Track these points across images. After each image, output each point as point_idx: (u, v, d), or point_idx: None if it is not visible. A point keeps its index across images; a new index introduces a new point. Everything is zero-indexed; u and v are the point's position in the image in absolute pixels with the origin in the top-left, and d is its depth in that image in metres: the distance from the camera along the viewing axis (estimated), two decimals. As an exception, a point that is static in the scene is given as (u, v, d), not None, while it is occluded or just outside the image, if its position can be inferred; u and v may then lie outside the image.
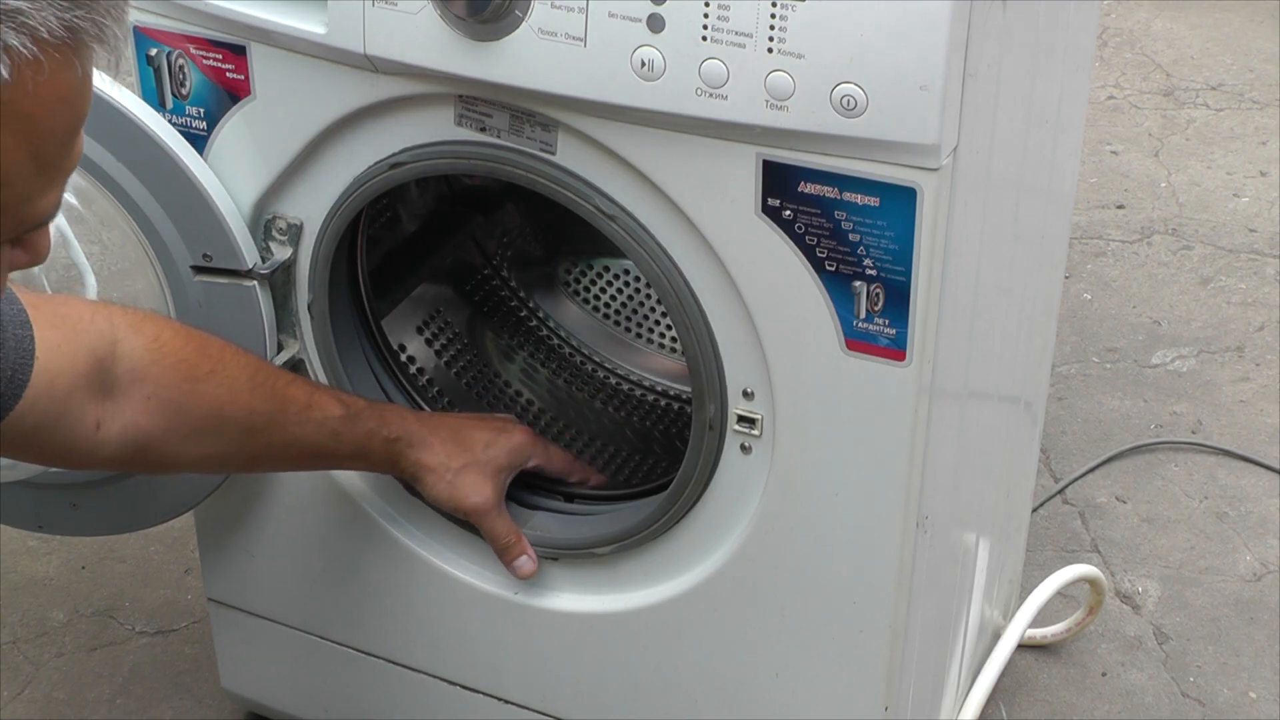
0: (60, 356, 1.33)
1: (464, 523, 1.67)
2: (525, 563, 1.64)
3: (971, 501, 1.73)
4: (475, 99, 1.44)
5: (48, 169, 1.02)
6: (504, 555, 1.64)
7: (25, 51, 0.94)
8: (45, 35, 0.95)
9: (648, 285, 1.95)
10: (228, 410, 1.48)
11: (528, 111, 1.43)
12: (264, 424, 1.50)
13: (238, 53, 1.52)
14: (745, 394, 1.46)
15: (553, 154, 1.44)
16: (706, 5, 1.29)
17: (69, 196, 1.58)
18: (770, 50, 1.28)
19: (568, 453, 1.72)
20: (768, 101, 1.30)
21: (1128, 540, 2.36)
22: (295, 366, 1.66)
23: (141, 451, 1.44)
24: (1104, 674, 2.14)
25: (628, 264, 1.96)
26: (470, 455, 1.60)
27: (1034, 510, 2.28)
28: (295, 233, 1.59)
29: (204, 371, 1.46)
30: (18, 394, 1.28)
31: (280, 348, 1.65)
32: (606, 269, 1.98)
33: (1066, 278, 2.54)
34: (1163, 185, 3.26)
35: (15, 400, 1.28)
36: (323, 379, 1.66)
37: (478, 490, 1.61)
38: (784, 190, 1.35)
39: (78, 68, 0.98)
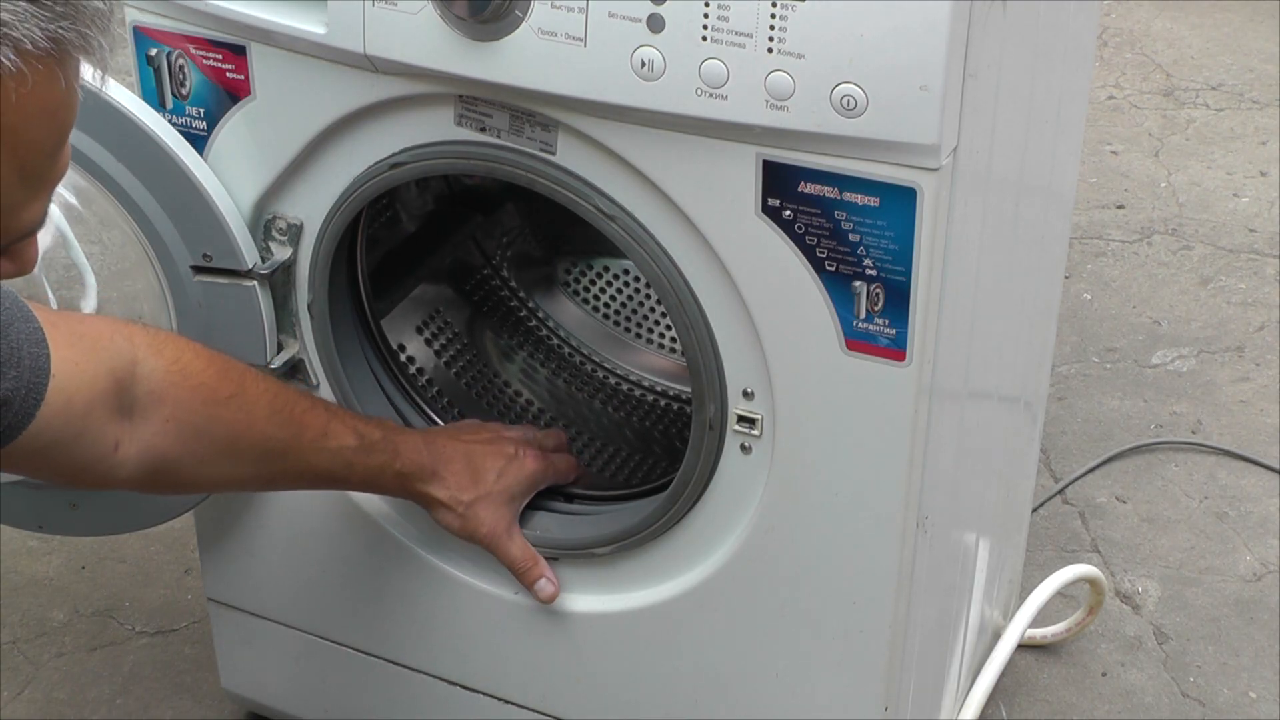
0: (78, 374, 1.32)
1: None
2: (545, 585, 1.64)
3: (971, 501, 1.73)
4: (475, 99, 1.44)
5: (32, 180, 1.01)
6: (522, 579, 1.65)
7: (8, 63, 0.93)
8: (29, 47, 0.94)
9: (647, 285, 1.95)
10: (245, 436, 1.48)
11: (528, 111, 1.43)
12: (280, 450, 1.51)
13: (238, 53, 1.52)
14: (745, 394, 1.46)
15: (553, 154, 1.44)
16: (706, 5, 1.29)
17: (69, 196, 1.58)
18: (770, 50, 1.28)
19: (569, 457, 1.72)
20: (768, 101, 1.30)
21: (1128, 540, 2.36)
22: (295, 367, 1.66)
23: (159, 473, 1.44)
24: (1104, 674, 2.14)
25: (627, 264, 1.96)
26: (482, 488, 1.60)
27: (1034, 510, 2.28)
28: (295, 233, 1.59)
29: (224, 396, 1.46)
30: (31, 412, 1.28)
31: (280, 348, 1.65)
32: (606, 269, 1.98)
33: (1066, 278, 2.54)
34: (1163, 185, 3.26)
35: (29, 419, 1.28)
36: (323, 379, 1.66)
37: (489, 521, 1.61)
38: (784, 190, 1.35)
39: (61, 79, 0.97)
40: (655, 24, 1.31)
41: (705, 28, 1.29)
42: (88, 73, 1.01)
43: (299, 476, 1.55)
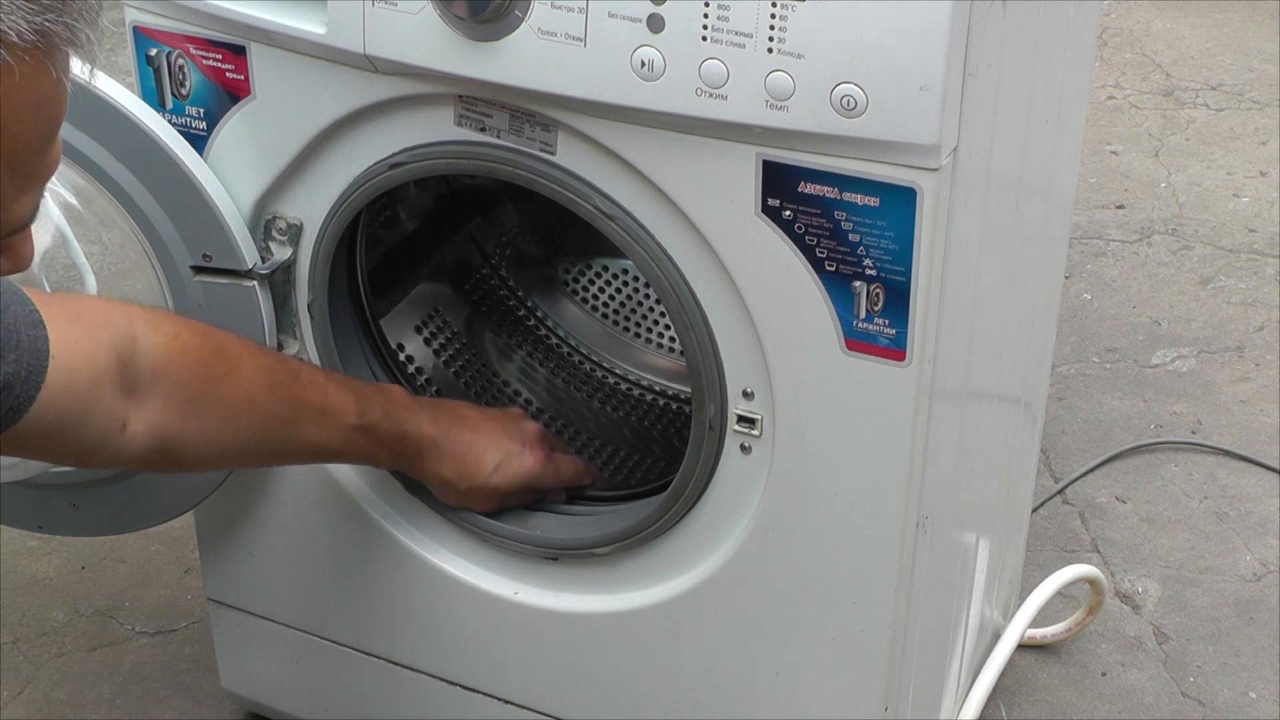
0: (78, 352, 1.33)
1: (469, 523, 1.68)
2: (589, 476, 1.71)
3: (971, 501, 1.73)
4: (475, 99, 1.44)
5: (22, 174, 1.01)
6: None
7: None
8: (15, 39, 0.94)
9: (646, 285, 1.95)
10: (244, 412, 1.48)
11: (528, 111, 1.43)
12: (279, 426, 1.51)
13: (238, 53, 1.52)
14: (745, 394, 1.46)
15: (553, 154, 1.44)
16: (706, 5, 1.29)
17: (69, 196, 1.58)
18: (770, 50, 1.28)
19: (577, 459, 1.72)
20: (768, 101, 1.30)
21: (1128, 540, 2.36)
22: (295, 366, 1.67)
23: (167, 450, 1.44)
24: (1104, 674, 2.14)
25: (626, 264, 1.96)
26: (476, 479, 1.61)
27: (1034, 510, 2.28)
28: (295, 233, 1.59)
29: (221, 372, 1.46)
30: (33, 393, 1.28)
31: (280, 348, 1.65)
32: (605, 269, 1.98)
33: (1066, 278, 2.54)
34: (1163, 185, 3.27)
35: (31, 400, 1.28)
36: (323, 379, 1.66)
37: (483, 506, 1.65)
38: (784, 190, 1.35)
39: (50, 71, 0.97)
40: (655, 24, 1.31)
41: (705, 28, 1.29)
42: (78, 67, 1.01)
43: (299, 450, 1.56)
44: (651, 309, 1.96)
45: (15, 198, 1.02)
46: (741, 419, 1.47)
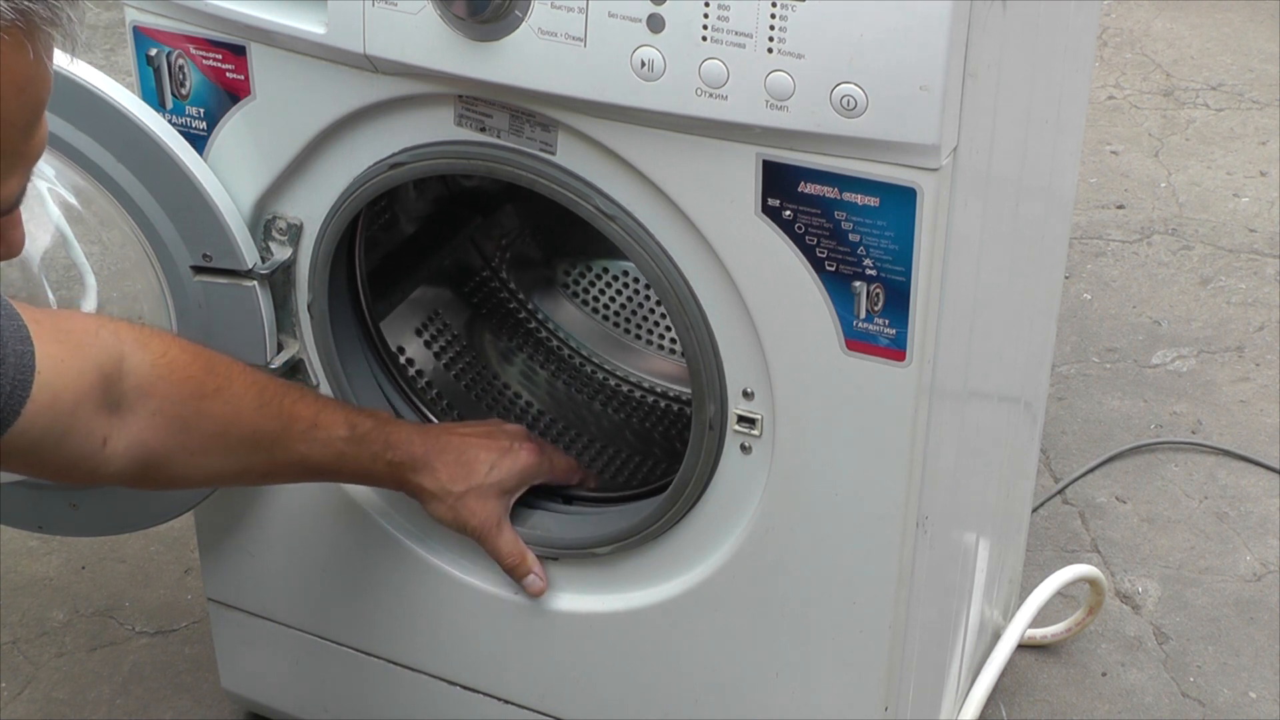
0: (64, 371, 1.32)
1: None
2: (534, 581, 1.64)
3: (971, 501, 1.73)
4: (475, 99, 1.44)
5: (7, 155, 1.01)
6: (511, 574, 1.65)
7: None
8: None
9: (646, 286, 1.95)
10: (233, 428, 1.47)
11: (528, 111, 1.43)
12: (269, 442, 1.50)
13: (238, 53, 1.52)
14: (745, 394, 1.46)
15: (553, 154, 1.44)
16: (706, 5, 1.29)
17: (69, 196, 1.58)
18: (770, 50, 1.28)
19: (569, 458, 1.72)
20: (768, 101, 1.30)
21: (1128, 540, 2.36)
22: (295, 367, 1.66)
23: (148, 468, 1.44)
24: (1104, 674, 2.14)
25: (626, 265, 1.96)
26: (473, 479, 1.60)
27: (1034, 510, 2.28)
28: (295, 233, 1.59)
29: (211, 389, 1.46)
30: (17, 410, 1.27)
31: (280, 348, 1.65)
32: (605, 270, 1.98)
33: (1066, 278, 2.54)
34: (1163, 185, 3.27)
35: (15, 416, 1.28)
36: (323, 380, 1.66)
37: (479, 513, 1.61)
38: (784, 190, 1.35)
39: (30, 51, 0.97)
40: (655, 24, 1.31)
41: (705, 28, 1.29)
42: (64, 59, 1.01)
43: (289, 468, 1.55)
44: (651, 311, 1.96)
45: (2, 180, 1.02)
46: (741, 419, 1.47)
